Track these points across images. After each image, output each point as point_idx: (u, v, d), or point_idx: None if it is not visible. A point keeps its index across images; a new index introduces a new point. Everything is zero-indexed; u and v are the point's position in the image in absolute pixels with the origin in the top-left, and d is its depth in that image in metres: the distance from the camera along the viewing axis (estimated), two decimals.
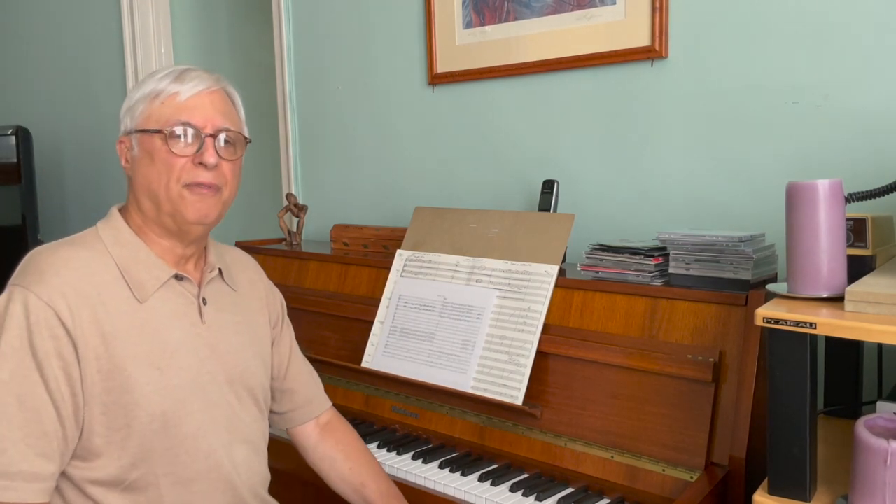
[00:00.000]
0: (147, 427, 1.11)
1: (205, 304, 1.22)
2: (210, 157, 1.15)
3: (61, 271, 1.09)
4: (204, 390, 1.18)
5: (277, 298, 1.44)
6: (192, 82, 1.17)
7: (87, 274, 1.11)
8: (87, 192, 3.56)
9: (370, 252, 2.13)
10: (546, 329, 1.60)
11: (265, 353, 1.35)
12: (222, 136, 1.17)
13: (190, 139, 1.15)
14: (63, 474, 1.10)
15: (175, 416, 1.13)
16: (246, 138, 1.23)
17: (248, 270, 1.39)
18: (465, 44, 2.16)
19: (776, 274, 1.55)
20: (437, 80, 2.23)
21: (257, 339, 1.33)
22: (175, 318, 1.17)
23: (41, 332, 1.05)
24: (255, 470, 1.26)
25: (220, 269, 1.28)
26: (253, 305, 1.35)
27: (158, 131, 1.14)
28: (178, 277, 1.19)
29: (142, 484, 1.11)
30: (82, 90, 3.45)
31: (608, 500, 1.41)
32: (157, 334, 1.14)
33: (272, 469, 1.38)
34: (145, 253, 1.17)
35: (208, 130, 1.16)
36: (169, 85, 1.16)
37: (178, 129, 1.14)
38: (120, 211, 1.22)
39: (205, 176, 1.15)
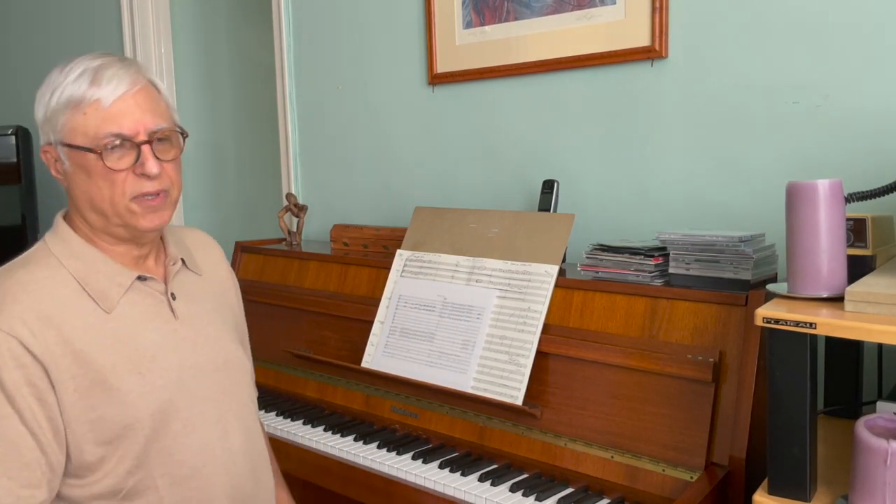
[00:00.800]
0: (139, 433, 1.09)
1: (174, 299, 1.19)
2: (152, 168, 1.09)
3: (19, 296, 1.05)
4: (189, 386, 1.16)
5: (236, 280, 1.41)
6: (112, 83, 1.08)
7: (47, 294, 1.07)
8: None
9: (370, 252, 2.13)
10: (546, 329, 1.60)
11: (241, 333, 1.35)
12: (157, 137, 1.11)
13: (125, 151, 1.08)
14: (61, 496, 1.08)
15: (163, 416, 1.12)
16: (182, 132, 1.16)
17: (209, 251, 1.35)
18: (465, 44, 2.16)
19: (776, 274, 1.55)
20: (437, 80, 2.23)
21: (232, 321, 1.31)
22: (147, 321, 1.14)
23: (7, 364, 1.01)
24: (252, 453, 1.25)
25: (182, 259, 1.24)
26: (220, 287, 1.33)
27: (90, 149, 1.07)
28: (141, 279, 1.16)
29: (140, 488, 1.10)
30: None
31: (608, 500, 1.41)
32: (132, 340, 1.11)
33: None
34: (102, 261, 1.12)
35: (142, 137, 1.09)
36: (87, 90, 1.07)
37: (111, 143, 1.07)
38: (64, 218, 1.17)
39: (150, 185, 1.10)
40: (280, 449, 1.53)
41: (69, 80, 1.09)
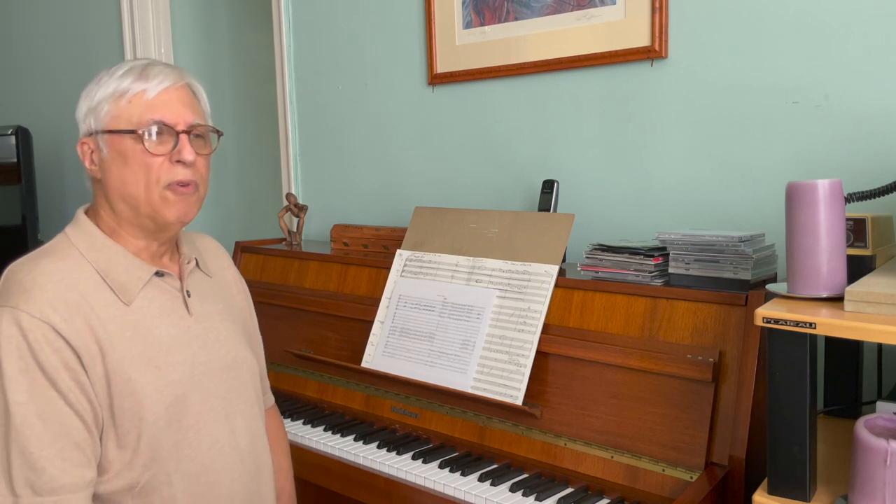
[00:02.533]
0: (153, 426, 1.11)
1: (189, 296, 1.22)
2: (188, 155, 1.13)
3: (46, 285, 1.07)
4: (201, 382, 1.18)
5: (244, 284, 1.44)
6: (158, 78, 1.14)
7: (71, 284, 1.09)
8: (87, 193, 3.55)
9: (370, 252, 2.13)
10: (546, 329, 1.60)
11: (250, 334, 1.37)
12: (195, 132, 1.16)
13: (164, 137, 1.13)
14: None
15: (176, 411, 1.13)
16: (218, 132, 1.22)
17: (218, 257, 1.39)
18: (465, 44, 2.16)
19: (776, 274, 1.55)
20: (437, 80, 2.23)
21: (241, 322, 1.34)
22: (164, 315, 1.17)
23: (43, 349, 1.03)
24: (256, 453, 1.27)
25: (196, 260, 1.27)
26: (229, 290, 1.36)
27: (131, 132, 1.12)
28: (158, 274, 1.19)
29: (154, 483, 1.11)
30: (82, 90, 3.45)
31: (608, 500, 1.41)
32: (150, 333, 1.14)
33: None
34: (122, 255, 1.15)
35: (181, 127, 1.14)
36: (133, 83, 1.13)
37: (152, 128, 1.12)
38: (86, 213, 1.20)
39: (184, 174, 1.14)
40: None
41: (116, 76, 1.15)
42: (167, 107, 1.13)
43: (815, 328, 1.04)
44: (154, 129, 1.12)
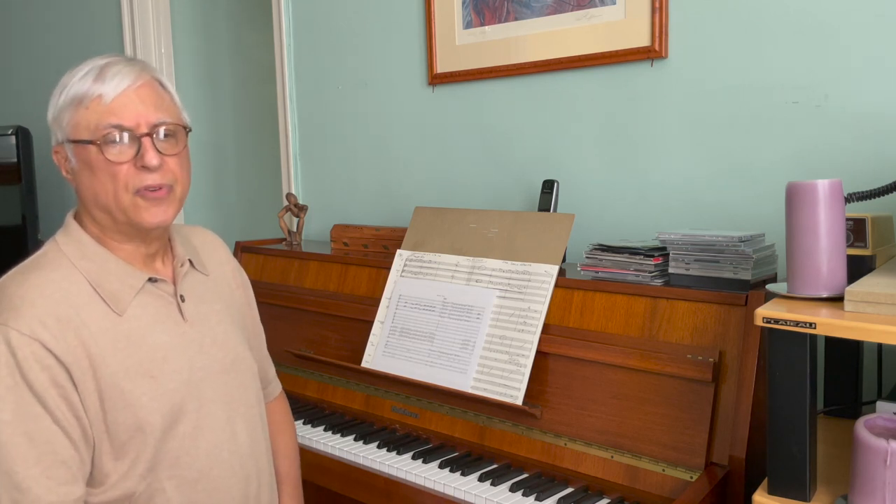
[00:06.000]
0: (151, 436, 1.09)
1: (183, 301, 1.19)
2: (152, 159, 1.08)
3: (36, 300, 1.05)
4: (198, 388, 1.16)
5: (245, 276, 1.41)
6: (115, 80, 1.09)
7: (62, 297, 1.07)
8: None
9: (370, 252, 2.13)
10: (546, 329, 1.60)
11: (253, 330, 1.36)
12: (161, 131, 1.11)
13: (126, 143, 1.08)
14: None
15: (173, 420, 1.12)
16: (185, 127, 1.16)
17: (216, 251, 1.35)
18: (465, 44, 2.16)
19: (776, 274, 1.55)
20: (437, 80, 2.23)
21: (239, 321, 1.32)
22: (158, 323, 1.15)
23: (32, 367, 1.02)
24: (257, 455, 1.26)
25: (190, 261, 1.24)
26: (227, 286, 1.33)
27: (91, 142, 1.08)
28: (152, 280, 1.16)
29: (150, 492, 1.10)
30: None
31: (608, 500, 1.41)
32: (144, 342, 1.12)
33: None
34: (114, 262, 1.13)
35: (143, 129, 1.09)
36: (91, 87, 1.09)
37: (111, 136, 1.07)
38: (75, 218, 1.18)
39: (151, 178, 1.09)
40: None
41: (75, 79, 1.11)
42: (125, 109, 1.09)
43: (815, 328, 1.04)
44: (115, 134, 1.08)
